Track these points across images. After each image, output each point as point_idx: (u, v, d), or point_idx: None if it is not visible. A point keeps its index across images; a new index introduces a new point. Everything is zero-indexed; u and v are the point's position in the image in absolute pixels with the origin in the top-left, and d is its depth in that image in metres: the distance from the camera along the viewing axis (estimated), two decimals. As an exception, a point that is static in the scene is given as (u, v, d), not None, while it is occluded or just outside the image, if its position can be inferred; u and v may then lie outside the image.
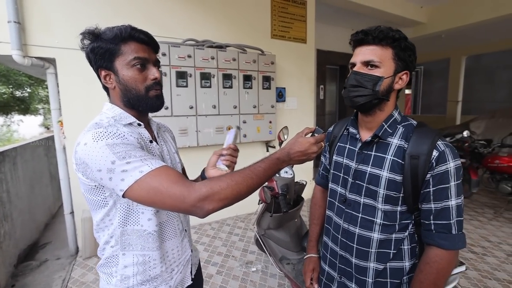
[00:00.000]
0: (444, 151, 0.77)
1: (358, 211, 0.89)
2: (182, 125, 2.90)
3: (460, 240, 0.77)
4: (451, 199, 0.77)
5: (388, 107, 0.86)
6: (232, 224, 3.30)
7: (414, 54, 0.82)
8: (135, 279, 0.81)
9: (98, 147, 0.68)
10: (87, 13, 2.53)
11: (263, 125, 3.38)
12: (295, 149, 0.79)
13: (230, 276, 2.34)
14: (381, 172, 0.84)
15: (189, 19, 3.03)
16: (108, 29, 0.78)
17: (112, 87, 0.81)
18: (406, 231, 0.85)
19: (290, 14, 3.64)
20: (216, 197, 0.68)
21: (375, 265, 0.87)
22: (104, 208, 0.77)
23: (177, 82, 2.84)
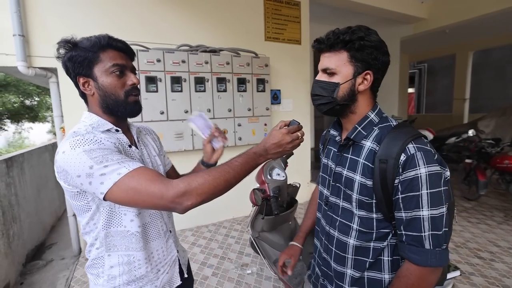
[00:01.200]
0: (414, 155, 0.70)
1: (338, 214, 0.87)
2: (177, 129, 2.97)
3: (435, 256, 0.69)
4: (422, 209, 0.69)
5: (360, 108, 0.82)
6: (229, 227, 3.34)
7: (378, 50, 0.77)
8: (121, 278, 0.84)
9: (76, 154, 0.70)
10: (85, 23, 2.63)
11: (258, 128, 3.41)
12: (269, 142, 0.80)
13: (225, 278, 2.37)
14: (354, 176, 0.80)
15: (183, 25, 3.10)
16: (85, 39, 0.81)
17: (91, 93, 0.83)
18: (385, 240, 0.79)
19: (283, 15, 3.66)
20: (194, 193, 0.70)
21: (351, 272, 0.83)
22: (88, 212, 0.80)
23: (172, 87, 2.90)
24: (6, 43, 2.31)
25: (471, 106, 7.30)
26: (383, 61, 0.78)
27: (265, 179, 2.34)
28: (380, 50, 0.77)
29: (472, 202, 3.87)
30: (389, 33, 5.61)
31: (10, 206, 2.44)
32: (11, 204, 2.48)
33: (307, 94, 3.97)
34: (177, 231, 3.21)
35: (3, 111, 6.49)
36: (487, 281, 2.20)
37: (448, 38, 6.18)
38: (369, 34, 0.76)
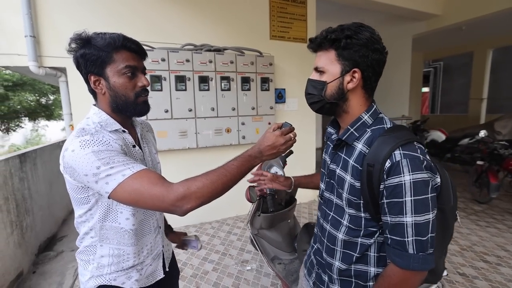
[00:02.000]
0: (399, 162, 0.70)
1: (331, 209, 0.90)
2: (181, 127, 3.03)
3: (417, 261, 0.69)
4: (406, 216, 0.69)
5: (353, 108, 0.82)
6: (232, 224, 3.38)
7: (367, 48, 0.75)
8: (109, 268, 0.89)
9: (85, 154, 0.73)
10: (92, 23, 2.72)
11: (262, 127, 3.42)
12: (264, 144, 0.83)
13: (225, 274, 2.41)
14: (345, 175, 0.82)
15: (187, 24, 3.15)
16: (99, 36, 0.81)
17: (102, 92, 0.85)
18: (372, 238, 0.81)
19: (289, 14, 3.64)
20: (193, 196, 0.73)
21: (339, 264, 0.86)
22: (86, 204, 0.83)
23: (176, 86, 2.96)
24: (18, 44, 2.43)
25: (489, 106, 7.00)
26: (373, 58, 0.77)
27: None
28: (369, 48, 0.76)
29: (483, 205, 3.74)
30: (401, 30, 5.48)
31: (23, 199, 2.57)
32: (24, 197, 2.61)
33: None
34: (181, 227, 3.29)
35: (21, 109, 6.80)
36: (491, 285, 2.14)
37: (464, 35, 5.95)
38: (359, 32, 0.75)
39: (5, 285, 2.14)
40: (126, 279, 0.91)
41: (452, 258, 2.53)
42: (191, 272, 2.43)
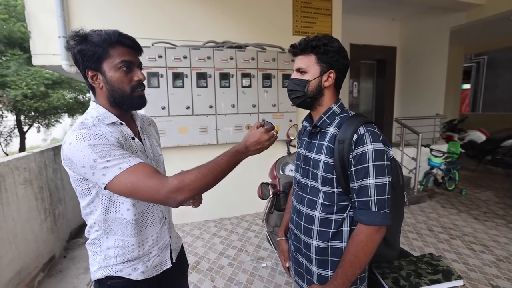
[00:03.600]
0: (363, 135, 0.87)
1: (306, 192, 1.02)
2: (202, 123, 3.08)
3: (379, 217, 0.85)
4: (369, 178, 0.86)
5: (326, 101, 1.00)
6: (251, 221, 3.38)
7: (339, 54, 0.94)
8: (115, 259, 0.92)
9: (81, 147, 0.76)
10: (121, 22, 2.86)
11: (283, 124, 3.38)
12: (250, 140, 0.92)
13: (240, 269, 2.42)
14: (320, 156, 0.96)
15: (210, 22, 3.19)
16: (96, 33, 0.83)
17: (100, 87, 0.87)
18: (344, 213, 0.95)
19: (313, 8, 3.54)
20: (187, 188, 0.78)
21: (317, 242, 0.98)
22: (88, 196, 0.86)
23: (198, 83, 3.01)
24: (53, 44, 2.62)
25: (540, 104, 6.31)
26: (343, 63, 0.96)
27: (277, 174, 2.33)
28: (340, 54, 0.95)
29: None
30: (436, 23, 5.08)
31: (56, 189, 2.78)
32: (57, 187, 2.82)
33: (336, 89, 3.81)
34: (201, 221, 3.36)
35: (60, 106, 7.40)
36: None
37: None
38: (332, 42, 0.94)
39: (39, 266, 2.33)
40: (132, 271, 0.94)
41: (486, 268, 2.32)
42: (207, 266, 2.47)
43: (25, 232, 2.20)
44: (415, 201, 3.84)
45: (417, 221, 3.31)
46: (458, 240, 2.81)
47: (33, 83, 6.28)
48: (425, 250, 2.63)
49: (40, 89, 6.42)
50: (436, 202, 3.91)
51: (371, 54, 5.24)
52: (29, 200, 2.29)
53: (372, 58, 5.40)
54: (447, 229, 3.06)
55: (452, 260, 2.46)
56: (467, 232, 2.99)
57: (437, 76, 5.12)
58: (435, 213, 3.52)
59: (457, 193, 4.21)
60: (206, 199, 3.31)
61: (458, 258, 2.50)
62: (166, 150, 2.98)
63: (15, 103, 6.51)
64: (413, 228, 3.13)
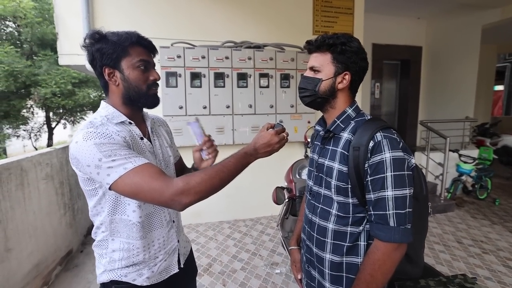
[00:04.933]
0: (380, 142, 0.80)
1: (319, 201, 0.96)
2: (219, 123, 3.06)
3: (398, 233, 0.77)
4: (387, 190, 0.78)
5: (339, 104, 0.93)
6: (266, 224, 3.31)
7: (357, 56, 0.87)
8: (120, 263, 0.90)
9: (87, 146, 0.76)
10: (142, 24, 2.90)
11: (300, 125, 3.29)
12: (259, 142, 0.87)
13: (253, 274, 2.35)
14: (334, 164, 0.90)
15: (229, 22, 3.17)
16: (115, 34, 0.86)
17: (116, 84, 0.88)
18: (360, 225, 0.87)
19: (334, 7, 3.44)
20: (192, 191, 0.75)
21: (330, 256, 0.91)
22: (95, 196, 0.86)
23: (215, 83, 3.00)
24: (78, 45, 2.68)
25: None
26: (361, 66, 0.89)
27: (293, 178, 2.25)
28: (358, 56, 0.88)
29: None
30: (467, 21, 4.78)
31: (76, 184, 2.86)
32: (77, 182, 2.90)
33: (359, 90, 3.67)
34: (215, 222, 3.33)
35: (85, 104, 7.77)
36: None
37: (553, 23, 4.96)
38: (351, 41, 0.87)
39: (56, 260, 2.39)
40: (137, 276, 0.92)
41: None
42: (219, 269, 2.42)
43: (45, 226, 2.27)
44: (442, 209, 3.60)
45: (444, 231, 3.09)
46: (492, 256, 2.58)
47: (61, 82, 6.61)
48: (453, 265, 2.43)
49: (68, 87, 6.75)
50: (465, 211, 3.65)
51: (395, 54, 5.02)
52: (49, 194, 2.37)
53: (396, 58, 5.17)
54: (479, 242, 2.82)
55: (485, 278, 2.25)
56: (502, 246, 2.74)
57: (467, 77, 4.81)
58: (465, 223, 3.28)
59: (490, 203, 3.91)
60: (221, 200, 3.29)
61: (492, 275, 2.29)
62: (182, 149, 2.96)
63: (44, 100, 6.88)
64: (440, 239, 2.92)
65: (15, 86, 6.38)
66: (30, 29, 6.73)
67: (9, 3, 6.21)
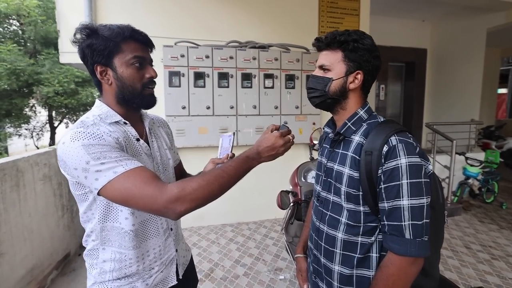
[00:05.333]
0: (395, 147, 0.74)
1: (328, 209, 0.90)
2: (222, 124, 3.00)
3: (414, 246, 0.71)
4: (403, 199, 0.72)
5: (351, 105, 0.87)
6: (270, 227, 3.24)
7: (370, 54, 0.82)
8: (111, 274, 0.83)
9: (74, 147, 0.70)
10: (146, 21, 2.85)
11: (306, 127, 3.23)
12: (263, 145, 0.81)
13: (256, 280, 2.28)
14: (344, 169, 0.84)
15: (234, 22, 3.13)
16: (107, 27, 0.79)
17: (109, 83, 0.82)
18: (372, 235, 0.81)
19: (340, 8, 3.40)
20: (188, 198, 0.68)
21: (339, 268, 0.85)
22: (85, 202, 0.79)
23: (219, 83, 2.95)
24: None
25: None
26: (374, 64, 0.83)
27: (298, 182, 2.19)
28: (372, 54, 0.82)
29: None
30: (472, 24, 4.74)
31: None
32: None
33: (363, 92, 3.62)
34: (218, 225, 3.26)
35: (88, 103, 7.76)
36: None
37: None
38: (364, 38, 0.81)
39: (52, 264, 2.31)
40: None
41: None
42: (222, 274, 2.35)
43: (41, 228, 2.20)
44: (449, 213, 3.53)
45: (452, 236, 3.02)
46: (501, 262, 2.51)
47: (64, 81, 6.58)
48: (462, 271, 2.37)
49: (71, 86, 6.73)
50: (472, 215, 3.58)
51: (400, 56, 4.98)
52: (47, 196, 2.30)
53: (401, 60, 5.13)
54: (487, 248, 2.76)
55: (496, 286, 2.19)
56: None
57: (472, 80, 4.77)
58: (472, 228, 3.21)
59: (497, 207, 3.84)
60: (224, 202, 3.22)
61: (502, 283, 2.22)
62: (185, 150, 2.93)
63: (47, 99, 6.83)
64: (447, 244, 2.85)
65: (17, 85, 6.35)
66: (33, 28, 6.72)
67: (12, 1, 6.18)
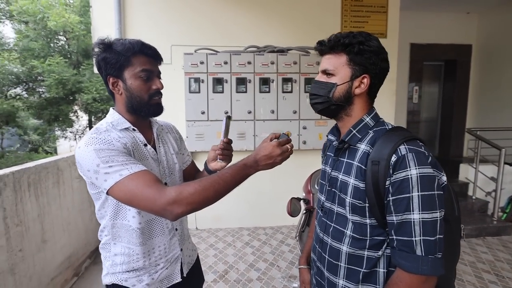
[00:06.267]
0: (405, 156, 0.69)
1: (332, 220, 0.86)
2: (240, 129, 3.03)
3: (426, 263, 0.65)
4: (413, 212, 0.67)
5: (356, 112, 0.83)
6: (286, 233, 3.18)
7: (377, 56, 0.77)
8: (121, 267, 0.92)
9: (87, 151, 0.79)
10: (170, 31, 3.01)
11: (325, 132, 3.09)
12: (260, 153, 0.82)
13: (269, 286, 2.26)
14: (349, 179, 0.80)
15: (252, 26, 3.14)
16: (120, 42, 0.87)
17: (119, 93, 0.91)
18: (380, 249, 0.76)
19: (365, 6, 3.22)
20: (184, 201, 0.74)
21: (344, 283, 0.81)
22: (99, 200, 0.89)
23: (237, 88, 2.98)
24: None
25: None
26: (382, 67, 0.79)
27: (311, 189, 2.12)
28: (379, 56, 0.78)
29: None
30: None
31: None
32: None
33: (392, 95, 3.39)
34: (235, 228, 3.29)
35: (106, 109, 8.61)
36: None
37: None
38: (370, 40, 0.78)
39: (86, 253, 2.58)
40: (137, 282, 0.92)
41: None
42: (235, 277, 2.37)
43: (77, 221, 2.45)
44: (495, 232, 3.13)
45: (497, 258, 2.66)
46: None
47: (101, 88, 7.28)
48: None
49: (106, 93, 7.38)
50: (523, 235, 3.15)
51: (438, 54, 4.56)
52: (82, 192, 2.55)
53: (439, 58, 4.70)
54: (540, 274, 2.40)
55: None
56: None
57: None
58: (522, 250, 2.82)
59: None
60: (242, 206, 3.25)
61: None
62: (203, 154, 3.02)
63: (87, 105, 7.64)
64: (491, 267, 2.52)
65: (63, 93, 7.16)
66: (76, 42, 7.63)
67: (59, 19, 7.07)
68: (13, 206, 1.73)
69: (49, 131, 8.83)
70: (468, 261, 2.65)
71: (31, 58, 7.16)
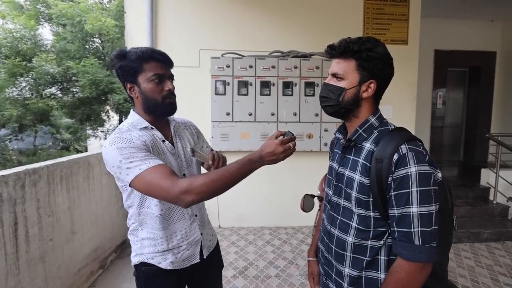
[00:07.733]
0: (405, 155, 0.76)
1: (339, 213, 0.92)
2: (263, 130, 3.15)
3: (423, 252, 0.73)
4: (412, 206, 0.75)
5: (363, 113, 0.89)
6: (307, 233, 3.24)
7: (384, 63, 0.83)
8: (148, 249, 1.04)
9: (112, 150, 0.90)
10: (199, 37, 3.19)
11: (346, 135, 3.17)
12: (265, 150, 0.88)
13: (287, 282, 2.33)
14: (354, 175, 0.86)
15: (277, 32, 3.28)
16: (133, 51, 0.97)
17: (136, 97, 1.01)
18: (382, 239, 0.84)
19: (387, 14, 3.28)
20: (194, 191, 0.83)
21: (349, 270, 0.88)
22: (126, 192, 1.00)
23: (261, 91, 3.12)
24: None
25: None
26: (387, 73, 0.85)
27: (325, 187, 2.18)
28: (385, 63, 0.84)
29: None
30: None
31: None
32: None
33: (412, 99, 3.40)
34: (257, 228, 3.39)
35: None
36: None
37: None
38: (377, 46, 0.82)
39: (112, 247, 2.70)
40: (162, 260, 1.03)
41: None
42: (254, 273, 2.45)
43: (105, 215, 2.57)
44: (517, 240, 3.06)
45: (517, 266, 2.62)
46: None
47: None
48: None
49: None
50: (550, 245, 3.04)
51: (462, 60, 4.52)
52: (110, 188, 2.68)
53: (464, 65, 4.65)
54: None
55: None
56: None
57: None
58: (547, 259, 2.73)
59: None
60: (264, 205, 3.33)
61: None
62: (227, 153, 3.09)
63: (118, 105, 7.98)
64: (507, 270, 2.50)
65: (96, 93, 7.51)
66: (110, 44, 7.96)
67: (96, 23, 7.44)
68: (46, 197, 1.81)
69: (81, 130, 9.22)
70: (485, 264, 2.65)
71: (67, 59, 7.53)
